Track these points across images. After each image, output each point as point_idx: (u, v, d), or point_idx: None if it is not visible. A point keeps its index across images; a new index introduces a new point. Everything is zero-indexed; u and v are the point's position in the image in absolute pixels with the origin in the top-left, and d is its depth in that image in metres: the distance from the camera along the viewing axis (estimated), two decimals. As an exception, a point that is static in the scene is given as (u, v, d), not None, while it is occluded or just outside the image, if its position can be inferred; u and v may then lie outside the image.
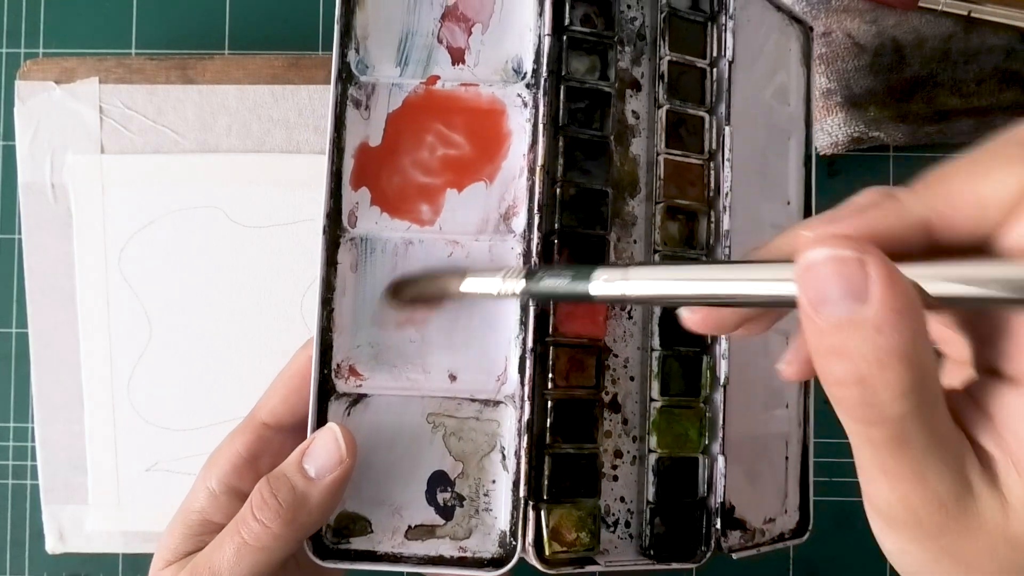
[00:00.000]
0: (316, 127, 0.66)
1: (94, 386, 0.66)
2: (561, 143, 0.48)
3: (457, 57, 0.49)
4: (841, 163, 0.70)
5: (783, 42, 0.56)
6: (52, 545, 0.66)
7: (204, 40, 0.71)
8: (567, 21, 0.48)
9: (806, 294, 0.30)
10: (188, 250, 0.66)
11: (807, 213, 0.56)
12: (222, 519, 0.48)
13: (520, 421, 0.46)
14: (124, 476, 0.66)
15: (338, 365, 0.47)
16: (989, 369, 0.32)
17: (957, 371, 0.36)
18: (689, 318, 0.36)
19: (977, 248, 0.30)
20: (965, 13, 0.65)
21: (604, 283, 0.36)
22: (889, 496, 0.31)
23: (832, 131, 0.66)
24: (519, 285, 0.41)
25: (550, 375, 0.47)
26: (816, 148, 0.67)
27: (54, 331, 0.66)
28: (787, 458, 0.54)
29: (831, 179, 0.70)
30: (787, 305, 0.31)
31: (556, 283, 0.39)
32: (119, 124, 0.66)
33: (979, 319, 0.33)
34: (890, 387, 0.29)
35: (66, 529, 0.66)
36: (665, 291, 0.35)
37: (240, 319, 0.66)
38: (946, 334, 0.36)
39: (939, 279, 0.29)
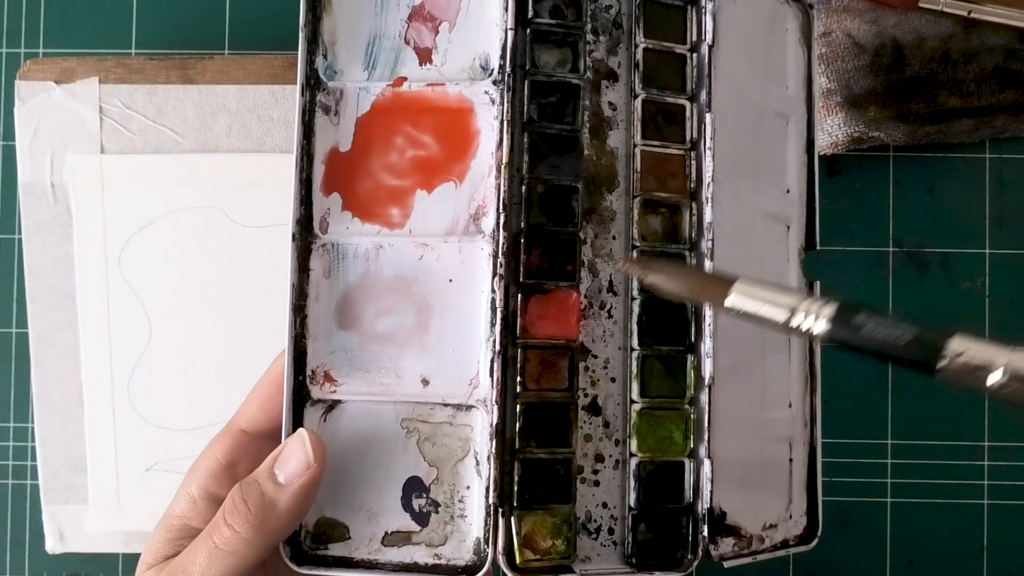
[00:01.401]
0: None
1: (94, 386, 0.66)
2: (527, 139, 0.46)
3: (424, 57, 0.48)
4: (841, 163, 0.69)
5: (779, 22, 0.53)
6: (52, 545, 0.65)
7: (204, 40, 0.70)
8: (531, 14, 0.46)
9: None
10: (188, 250, 0.66)
11: (809, 201, 0.53)
12: (201, 524, 0.48)
13: (491, 425, 0.45)
14: (124, 476, 0.65)
15: (313, 371, 0.47)
16: None
17: None
18: None
19: None
20: (965, 13, 0.65)
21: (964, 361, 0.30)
22: None
23: (832, 131, 0.65)
24: (821, 324, 0.35)
25: (519, 378, 0.45)
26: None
27: (54, 331, 0.66)
28: (791, 460, 0.52)
29: (831, 179, 0.69)
30: None
31: (883, 338, 0.33)
32: (119, 124, 0.66)
33: None
34: None
35: (66, 529, 0.65)
36: None
37: (240, 319, 0.66)
38: None
39: None
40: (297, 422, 0.46)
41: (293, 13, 0.68)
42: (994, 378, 0.29)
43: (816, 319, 0.35)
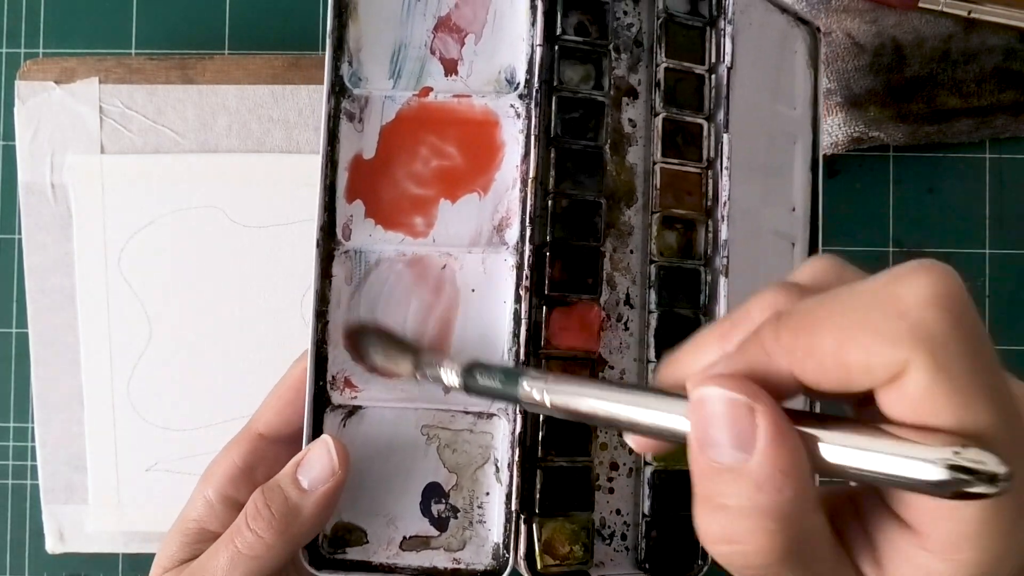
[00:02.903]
0: (316, 127, 0.64)
1: (94, 386, 0.65)
2: (553, 154, 0.47)
3: (450, 68, 0.48)
4: (841, 163, 0.69)
5: (788, 44, 0.54)
6: (52, 545, 0.65)
7: (204, 40, 0.70)
8: (559, 30, 0.47)
9: (695, 431, 0.28)
10: (188, 250, 0.65)
11: (813, 219, 0.54)
12: (218, 528, 0.48)
13: (513, 434, 0.45)
14: (124, 476, 0.65)
15: (333, 377, 0.47)
16: (884, 502, 0.30)
17: None
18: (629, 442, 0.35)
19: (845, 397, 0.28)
20: (965, 13, 0.65)
21: (527, 389, 0.34)
22: None
23: (832, 131, 0.65)
24: (456, 380, 0.39)
25: (543, 388, 0.46)
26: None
27: (54, 331, 0.65)
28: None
29: (831, 179, 0.68)
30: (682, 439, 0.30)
31: (490, 382, 0.37)
32: (119, 124, 0.65)
33: None
34: (762, 552, 0.28)
35: (66, 529, 0.65)
36: (573, 406, 0.33)
37: (240, 319, 0.65)
38: None
39: (837, 444, 0.27)
40: (318, 427, 0.47)
41: (293, 13, 0.69)
42: (527, 394, 0.34)
43: (454, 376, 0.39)
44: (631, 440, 0.34)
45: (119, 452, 0.65)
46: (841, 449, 0.27)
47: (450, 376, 0.39)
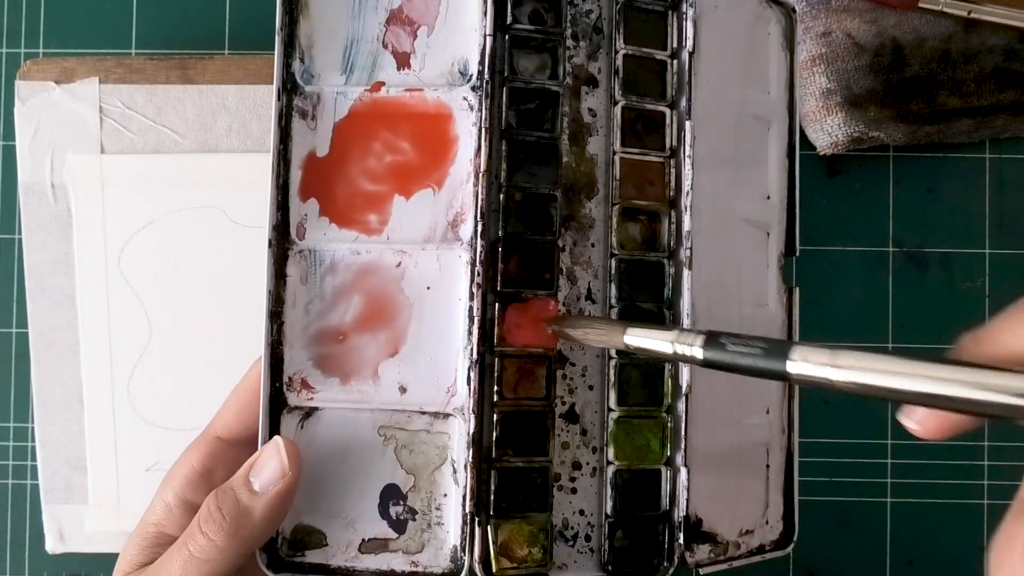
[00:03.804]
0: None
1: (94, 386, 0.65)
2: (505, 147, 0.45)
3: (403, 62, 0.47)
4: (841, 163, 0.68)
5: (760, 26, 0.52)
6: (52, 545, 0.65)
7: (204, 40, 0.69)
8: (511, 19, 0.45)
9: None
10: (188, 250, 0.65)
11: (790, 207, 0.52)
12: (176, 532, 0.47)
13: (468, 434, 0.44)
14: (124, 476, 0.65)
15: (290, 378, 0.46)
16: None
17: None
18: (909, 425, 0.33)
19: None
20: (965, 13, 0.64)
21: (805, 364, 0.33)
22: None
23: (832, 131, 0.64)
24: (696, 351, 0.37)
25: (496, 387, 0.44)
26: (816, 148, 0.65)
27: (54, 331, 0.65)
28: (768, 466, 0.51)
29: (831, 179, 0.68)
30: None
31: (744, 355, 0.35)
32: (119, 124, 0.65)
33: None
34: None
35: (66, 529, 0.65)
36: (880, 383, 0.31)
37: (240, 319, 0.65)
38: None
39: None
40: (274, 429, 0.46)
41: None
42: (805, 369, 0.33)
43: (692, 347, 0.38)
44: (920, 421, 0.33)
45: (119, 452, 0.65)
46: None
47: (681, 347, 0.38)
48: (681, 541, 0.46)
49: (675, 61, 0.48)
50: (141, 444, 0.65)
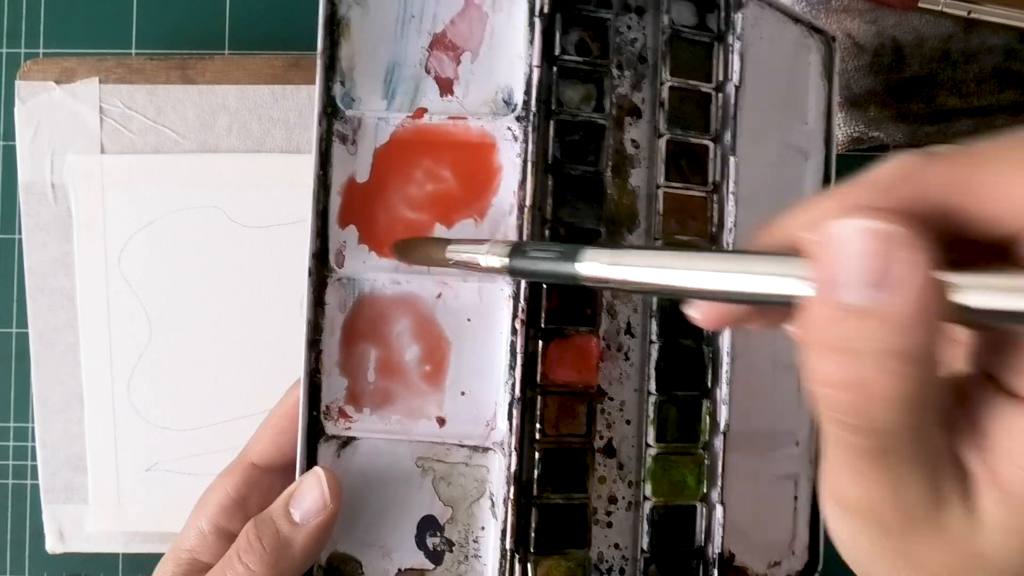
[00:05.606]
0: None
1: (94, 386, 0.63)
2: (551, 181, 0.43)
3: (445, 88, 0.44)
4: (841, 163, 0.66)
5: (802, 56, 0.50)
6: (52, 545, 0.63)
7: (204, 40, 0.67)
8: (557, 50, 0.43)
9: (821, 272, 0.24)
10: (188, 250, 0.63)
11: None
12: (210, 559, 0.46)
13: (508, 470, 0.42)
14: (124, 476, 0.63)
15: (327, 407, 0.44)
16: (989, 376, 0.27)
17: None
18: (691, 314, 0.31)
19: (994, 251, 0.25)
20: (965, 13, 0.62)
21: (592, 264, 0.32)
22: (854, 494, 0.27)
23: (832, 131, 0.63)
24: (502, 260, 0.37)
25: (538, 424, 0.43)
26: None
27: (54, 331, 0.63)
28: (796, 498, 0.50)
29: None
30: (790, 302, 0.26)
31: (542, 260, 0.35)
32: (119, 124, 0.63)
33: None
34: (892, 400, 0.24)
35: (66, 529, 0.63)
36: (654, 280, 0.30)
37: (240, 319, 0.63)
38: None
39: (981, 288, 0.23)
40: (311, 458, 0.44)
41: (293, 13, 0.67)
42: (591, 269, 0.32)
43: (499, 258, 0.38)
44: (699, 311, 0.31)
45: (119, 452, 0.63)
46: (980, 291, 0.24)
47: (489, 259, 0.38)
48: None
49: (720, 94, 0.46)
50: (141, 444, 0.63)
